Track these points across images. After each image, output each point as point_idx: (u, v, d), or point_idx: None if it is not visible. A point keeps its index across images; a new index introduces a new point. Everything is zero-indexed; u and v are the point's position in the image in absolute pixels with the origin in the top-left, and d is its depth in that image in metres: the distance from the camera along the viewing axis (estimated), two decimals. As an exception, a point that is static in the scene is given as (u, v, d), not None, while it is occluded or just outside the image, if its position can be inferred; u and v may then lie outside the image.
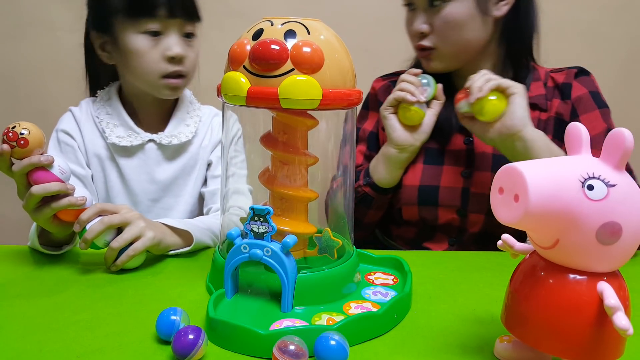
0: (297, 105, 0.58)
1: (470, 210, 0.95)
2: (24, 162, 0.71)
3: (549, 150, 0.83)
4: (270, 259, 0.59)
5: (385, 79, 1.11)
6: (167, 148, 0.99)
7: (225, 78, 0.61)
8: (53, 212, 0.73)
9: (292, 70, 0.57)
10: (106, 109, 0.99)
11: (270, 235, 0.59)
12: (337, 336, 0.51)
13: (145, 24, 0.89)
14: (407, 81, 0.91)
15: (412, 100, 0.89)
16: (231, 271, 0.61)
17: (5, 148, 0.70)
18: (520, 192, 0.43)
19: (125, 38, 0.91)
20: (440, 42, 0.92)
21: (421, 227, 1.00)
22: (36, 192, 0.71)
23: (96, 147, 0.98)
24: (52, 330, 0.57)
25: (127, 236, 0.73)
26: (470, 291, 0.71)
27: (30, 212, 0.73)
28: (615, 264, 0.46)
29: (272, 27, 0.60)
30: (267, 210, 0.59)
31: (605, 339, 0.46)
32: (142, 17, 0.89)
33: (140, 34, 0.90)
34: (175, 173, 1.00)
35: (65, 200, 0.73)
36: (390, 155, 0.95)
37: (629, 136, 0.44)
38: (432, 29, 0.92)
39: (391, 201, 1.02)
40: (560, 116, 0.95)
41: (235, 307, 0.61)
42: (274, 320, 0.58)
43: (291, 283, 0.59)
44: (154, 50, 0.91)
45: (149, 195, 0.99)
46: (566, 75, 0.97)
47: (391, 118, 0.93)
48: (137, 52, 0.91)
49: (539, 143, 0.83)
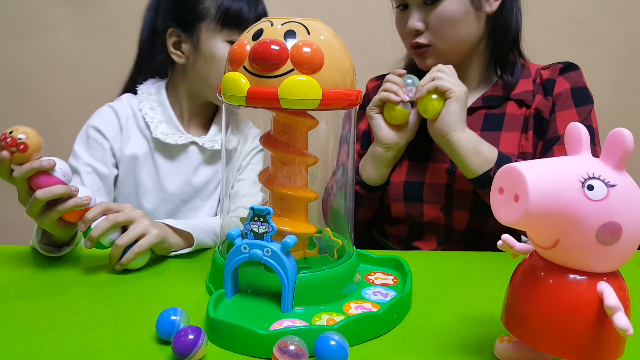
0: (297, 105, 0.58)
1: (454, 208, 0.96)
2: (25, 168, 0.70)
3: (475, 154, 0.86)
4: (270, 259, 0.59)
5: (378, 79, 1.12)
6: (207, 152, 1.01)
7: (225, 78, 0.61)
8: (59, 214, 0.73)
9: (292, 70, 0.57)
10: (150, 103, 0.99)
11: (270, 235, 0.59)
12: (337, 336, 0.51)
13: (232, 34, 0.93)
14: (392, 81, 0.92)
15: (397, 100, 0.90)
16: (231, 271, 0.61)
17: (4, 155, 0.69)
18: (520, 192, 0.43)
19: (210, 43, 0.93)
20: (435, 39, 0.93)
21: (410, 224, 1.01)
22: (41, 196, 0.70)
23: (133, 144, 0.98)
24: (52, 331, 0.57)
25: (132, 234, 0.74)
26: (470, 291, 0.71)
27: (35, 216, 0.73)
28: (615, 264, 0.46)
29: (272, 28, 0.60)
30: (266, 210, 0.59)
31: (605, 339, 0.46)
32: (233, 28, 0.92)
33: (226, 42, 0.93)
34: (209, 177, 1.02)
35: (71, 202, 0.72)
36: (377, 154, 0.96)
37: (629, 136, 0.44)
38: (427, 26, 0.93)
39: (382, 199, 1.04)
40: (540, 112, 0.95)
41: (235, 307, 0.61)
42: (274, 321, 0.58)
43: (291, 283, 0.59)
44: None
45: (182, 196, 1.00)
46: (551, 72, 0.97)
47: (377, 118, 0.94)
48: (219, 59, 0.93)
49: (463, 149, 0.86)
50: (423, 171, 0.98)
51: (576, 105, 0.94)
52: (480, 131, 0.94)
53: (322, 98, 0.58)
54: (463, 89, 0.86)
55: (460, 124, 0.86)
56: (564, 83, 0.95)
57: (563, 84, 0.95)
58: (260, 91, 0.57)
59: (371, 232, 1.13)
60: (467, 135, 0.87)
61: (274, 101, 0.57)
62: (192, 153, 1.00)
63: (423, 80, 0.88)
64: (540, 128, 0.95)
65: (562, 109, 0.94)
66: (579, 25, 1.59)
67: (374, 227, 1.12)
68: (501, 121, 0.96)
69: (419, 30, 0.93)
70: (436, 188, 0.97)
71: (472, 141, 0.86)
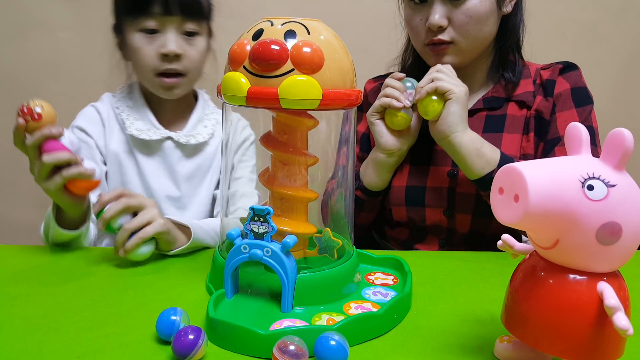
0: (297, 105, 0.58)
1: (457, 211, 0.95)
2: (36, 134, 0.74)
3: (478, 156, 0.85)
4: (270, 259, 0.59)
5: (376, 80, 1.11)
6: (185, 147, 1.01)
7: (225, 78, 0.61)
8: (64, 181, 0.75)
9: (292, 70, 0.57)
10: (127, 102, 1.01)
11: (270, 235, 0.59)
12: (337, 336, 0.51)
13: (143, 22, 0.92)
14: (392, 86, 0.90)
15: (399, 106, 0.88)
16: (231, 271, 0.61)
17: (20, 122, 0.74)
18: (520, 192, 0.43)
19: (129, 36, 0.94)
20: (459, 37, 0.90)
21: (412, 228, 1.01)
22: (47, 160, 0.74)
23: (115, 142, 0.99)
24: (52, 330, 0.57)
25: (140, 219, 0.76)
26: (470, 291, 0.71)
27: (41, 182, 0.76)
28: (615, 264, 0.46)
29: (272, 28, 0.60)
30: (267, 210, 0.59)
31: (605, 339, 0.46)
32: (139, 16, 0.92)
33: (138, 31, 0.93)
34: (191, 172, 1.02)
35: (74, 169, 0.76)
36: (379, 160, 0.95)
37: (629, 136, 0.44)
38: (449, 21, 0.90)
39: (383, 203, 1.03)
40: (540, 114, 0.95)
41: (235, 307, 0.61)
42: (274, 321, 0.58)
43: (291, 283, 0.59)
44: (149, 47, 0.93)
45: (166, 192, 1.00)
46: (551, 72, 0.97)
47: (378, 124, 0.93)
48: (134, 49, 0.94)
49: (465, 150, 0.85)
50: (424, 175, 0.98)
51: (576, 105, 0.93)
52: (481, 133, 0.94)
53: (322, 98, 0.58)
54: (463, 89, 0.86)
55: (462, 125, 0.86)
56: (564, 83, 0.95)
57: (563, 85, 0.95)
58: (260, 91, 0.57)
59: (371, 233, 1.12)
60: (469, 136, 0.86)
61: (274, 101, 0.57)
62: (169, 148, 1.00)
63: (422, 82, 0.87)
64: (541, 129, 0.94)
65: (562, 110, 0.94)
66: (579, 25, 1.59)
67: (374, 229, 1.12)
68: (502, 123, 0.96)
69: (442, 27, 0.90)
70: (438, 192, 0.96)
71: (474, 142, 0.86)
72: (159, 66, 0.93)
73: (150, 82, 0.96)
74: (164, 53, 0.92)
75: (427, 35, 0.93)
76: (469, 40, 0.91)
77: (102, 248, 0.86)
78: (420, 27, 0.93)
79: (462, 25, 0.89)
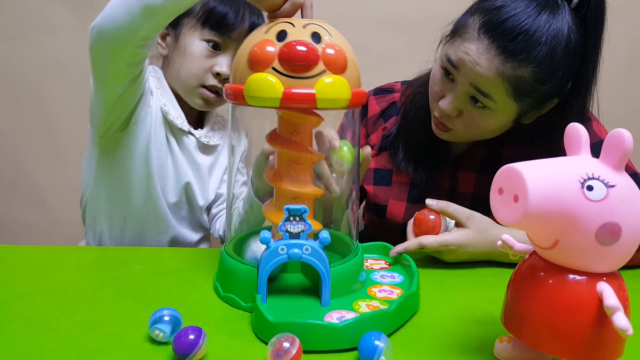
0: (331, 105, 0.59)
1: None
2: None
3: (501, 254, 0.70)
4: (311, 257, 0.59)
5: (378, 97, 1.03)
6: (203, 145, 1.03)
7: (252, 80, 0.58)
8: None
9: (325, 71, 0.58)
10: (155, 82, 0.99)
11: (306, 233, 0.59)
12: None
13: (214, 36, 0.93)
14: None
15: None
16: (267, 275, 0.60)
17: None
18: (520, 193, 0.43)
19: (187, 38, 0.95)
20: (461, 130, 0.85)
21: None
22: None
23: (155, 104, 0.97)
24: (52, 330, 0.57)
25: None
26: (470, 291, 0.71)
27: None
28: (614, 264, 0.46)
29: (295, 29, 0.59)
30: (303, 209, 0.59)
31: (605, 339, 0.46)
32: (213, 30, 0.93)
33: (202, 40, 0.94)
34: (207, 165, 1.04)
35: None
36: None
37: (629, 137, 0.44)
38: (459, 114, 0.83)
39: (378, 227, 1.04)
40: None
41: (278, 308, 0.60)
42: (324, 314, 0.59)
43: (329, 278, 0.60)
44: (207, 60, 0.94)
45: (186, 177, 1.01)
46: None
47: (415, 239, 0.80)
48: (191, 55, 0.94)
49: (490, 257, 0.80)
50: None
51: None
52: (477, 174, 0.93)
53: (352, 97, 0.59)
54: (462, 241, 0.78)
55: (471, 252, 0.79)
56: None
57: None
58: (297, 92, 0.57)
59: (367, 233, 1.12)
60: (483, 250, 0.79)
61: (311, 101, 0.57)
62: (189, 141, 1.01)
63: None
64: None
65: None
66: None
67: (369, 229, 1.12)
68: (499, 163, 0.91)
69: (449, 115, 0.83)
70: (438, 192, 0.95)
71: (492, 248, 0.79)
72: (207, 80, 0.95)
73: (190, 89, 0.96)
74: (219, 72, 0.94)
75: (435, 108, 0.86)
76: (470, 136, 0.87)
77: (102, 248, 0.87)
78: (435, 95, 0.86)
79: (467, 126, 0.84)
